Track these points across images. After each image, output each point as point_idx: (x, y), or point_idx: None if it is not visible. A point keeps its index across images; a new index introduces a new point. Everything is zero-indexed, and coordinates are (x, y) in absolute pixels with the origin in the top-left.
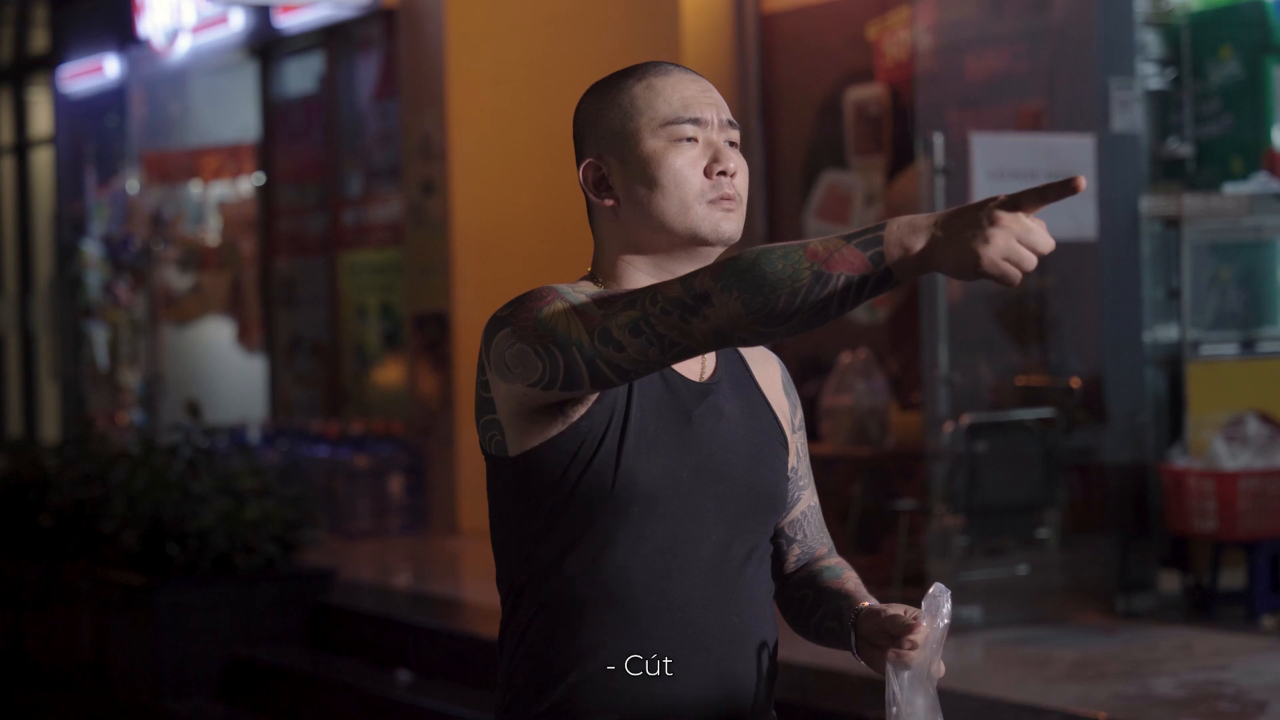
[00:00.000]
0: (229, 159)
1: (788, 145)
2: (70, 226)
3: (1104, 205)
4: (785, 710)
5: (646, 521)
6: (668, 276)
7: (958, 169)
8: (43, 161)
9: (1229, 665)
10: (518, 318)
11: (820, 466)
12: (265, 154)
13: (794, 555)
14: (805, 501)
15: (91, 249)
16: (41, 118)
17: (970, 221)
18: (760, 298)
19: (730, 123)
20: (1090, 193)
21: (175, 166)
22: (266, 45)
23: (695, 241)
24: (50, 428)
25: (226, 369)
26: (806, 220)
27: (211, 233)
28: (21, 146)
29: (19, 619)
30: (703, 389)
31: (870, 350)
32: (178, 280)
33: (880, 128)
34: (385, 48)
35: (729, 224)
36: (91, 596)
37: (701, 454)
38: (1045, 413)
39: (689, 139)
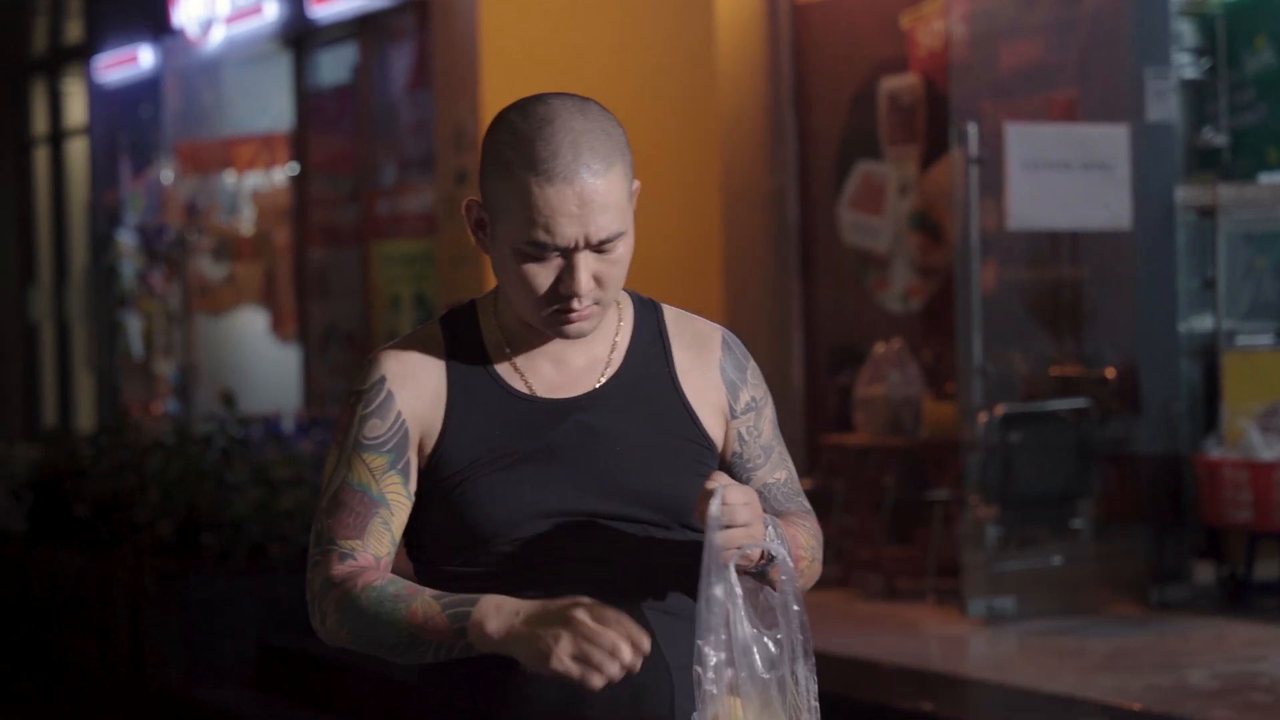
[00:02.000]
0: (263, 149)
1: (821, 135)
2: (105, 216)
3: (1139, 195)
4: (822, 702)
5: (515, 553)
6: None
7: (992, 159)
8: (78, 152)
9: (1264, 656)
10: (336, 421)
11: (854, 457)
12: (299, 144)
13: None
14: (761, 479)
15: (126, 239)
16: (76, 108)
17: (548, 620)
18: (367, 644)
19: (602, 241)
20: (1125, 182)
21: (209, 156)
22: (300, 35)
23: (544, 331)
24: (85, 417)
25: (260, 359)
26: (841, 210)
27: (245, 223)
28: (57, 137)
29: (54, 608)
30: (570, 406)
31: (904, 340)
32: (212, 270)
33: (914, 117)
34: (419, 38)
35: (574, 329)
36: (126, 586)
37: (567, 480)
38: (1080, 403)
39: (547, 255)
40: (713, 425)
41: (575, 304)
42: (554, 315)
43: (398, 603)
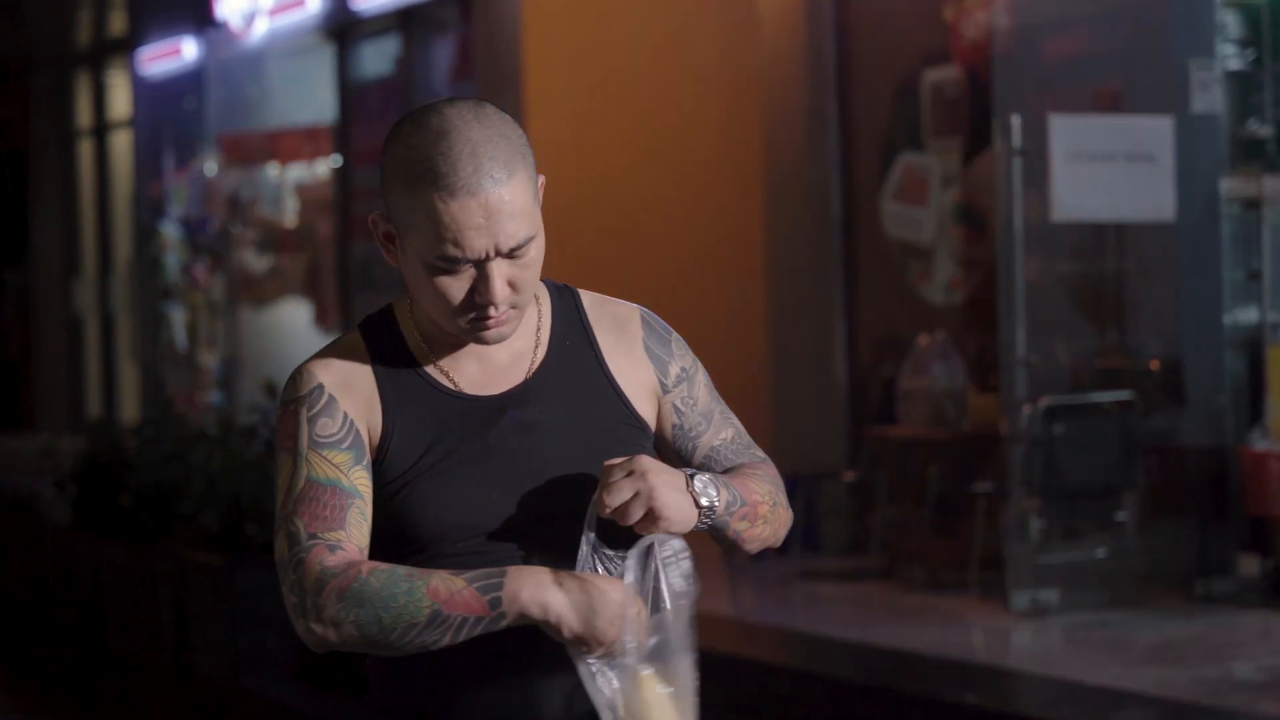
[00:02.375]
0: (306, 141)
1: (864, 127)
2: (149, 208)
3: (1183, 187)
4: (866, 694)
5: (464, 553)
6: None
7: (1035, 150)
8: (121, 144)
9: None
10: (278, 430)
11: (897, 449)
12: (342, 136)
13: None
14: (706, 444)
15: (170, 231)
16: (120, 100)
17: (591, 602)
18: (375, 630)
19: (512, 250)
20: (1169, 174)
21: (253, 149)
22: (343, 28)
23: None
24: (130, 409)
25: (304, 350)
26: (884, 202)
27: (289, 214)
28: (100, 129)
29: (99, 600)
30: (500, 402)
31: (948, 332)
32: (255, 262)
33: (958, 109)
34: (461, 30)
35: (493, 335)
36: (171, 577)
37: (508, 478)
38: (1124, 395)
39: (459, 268)
40: (643, 406)
41: (491, 311)
42: (471, 324)
43: (414, 580)
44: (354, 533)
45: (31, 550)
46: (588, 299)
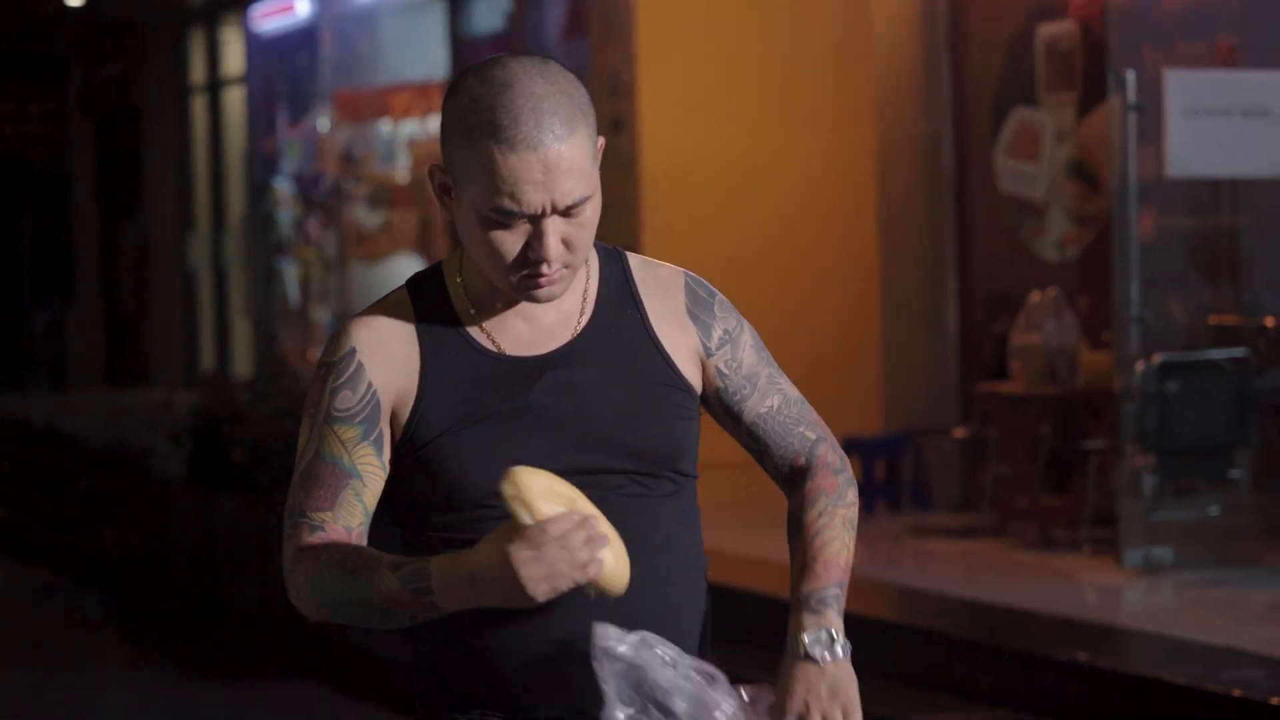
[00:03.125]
0: (418, 97)
1: (977, 82)
2: (262, 165)
3: None
4: (973, 649)
5: (501, 516)
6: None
7: (1150, 105)
8: (235, 100)
9: None
10: (309, 390)
11: (1010, 405)
12: None
13: (774, 461)
14: (752, 410)
15: (283, 187)
16: (234, 57)
17: (496, 566)
18: (344, 619)
19: (569, 207)
20: None
21: (365, 105)
22: None
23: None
24: (243, 364)
25: None
26: (997, 158)
27: (401, 170)
28: (214, 86)
29: (214, 553)
30: (542, 363)
31: (1060, 289)
32: (367, 218)
33: (1071, 64)
34: None
35: (544, 294)
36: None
37: (548, 437)
38: (1238, 352)
39: (514, 222)
40: (689, 368)
41: (544, 269)
42: (523, 280)
43: (358, 578)
44: (342, 513)
45: (146, 504)
46: (635, 262)
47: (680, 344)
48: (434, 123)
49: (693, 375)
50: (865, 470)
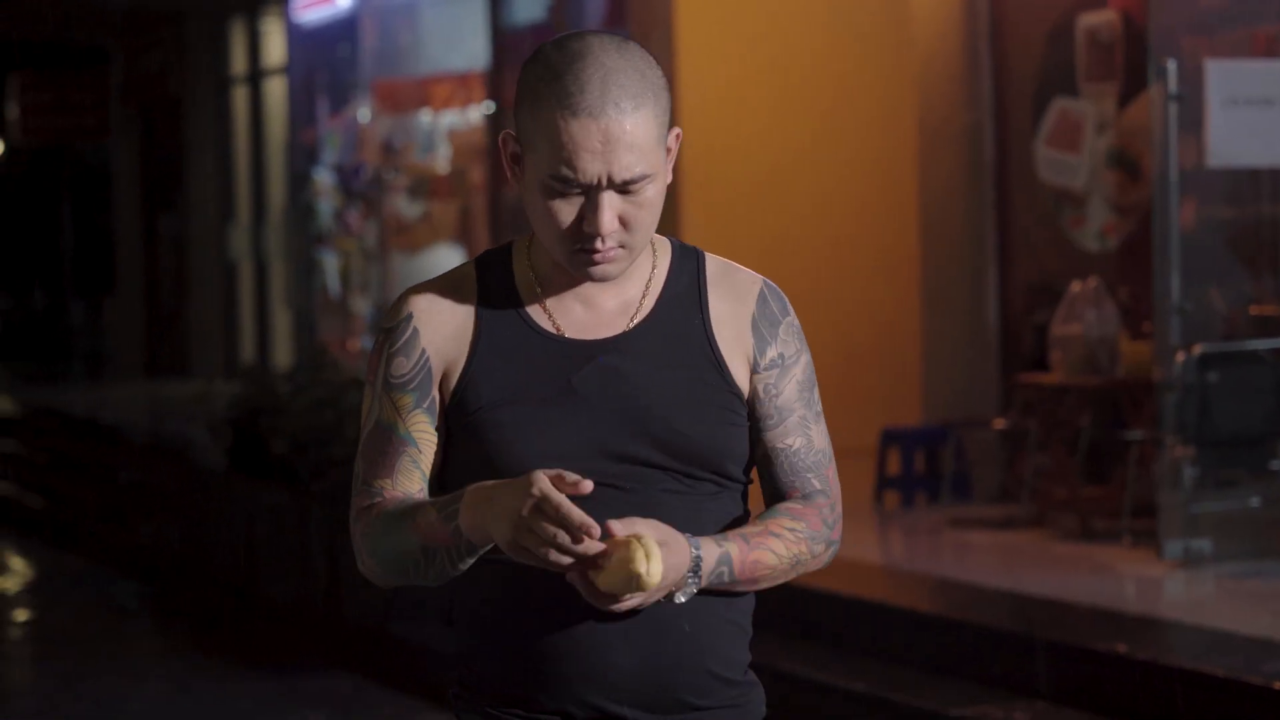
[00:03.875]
0: (459, 88)
1: (1018, 71)
2: (302, 155)
3: None
4: (1012, 641)
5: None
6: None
7: (1191, 95)
8: (276, 91)
9: None
10: (370, 357)
11: (1049, 395)
12: (494, 82)
13: (771, 487)
14: (770, 443)
15: (323, 177)
16: (275, 47)
17: (504, 513)
18: (395, 572)
19: (625, 181)
20: None
21: (406, 95)
22: None
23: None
24: (283, 354)
25: None
26: (1037, 147)
27: (441, 161)
28: (255, 76)
29: (253, 544)
30: (596, 348)
31: (1100, 279)
32: (408, 208)
33: (1112, 54)
34: None
35: (598, 270)
36: (323, 521)
37: (589, 420)
38: (1279, 343)
39: (571, 191)
40: (741, 376)
41: (598, 244)
42: (577, 255)
43: (402, 520)
44: (400, 480)
45: (186, 494)
46: (712, 264)
47: (737, 351)
48: (474, 113)
49: (742, 380)
50: (905, 462)
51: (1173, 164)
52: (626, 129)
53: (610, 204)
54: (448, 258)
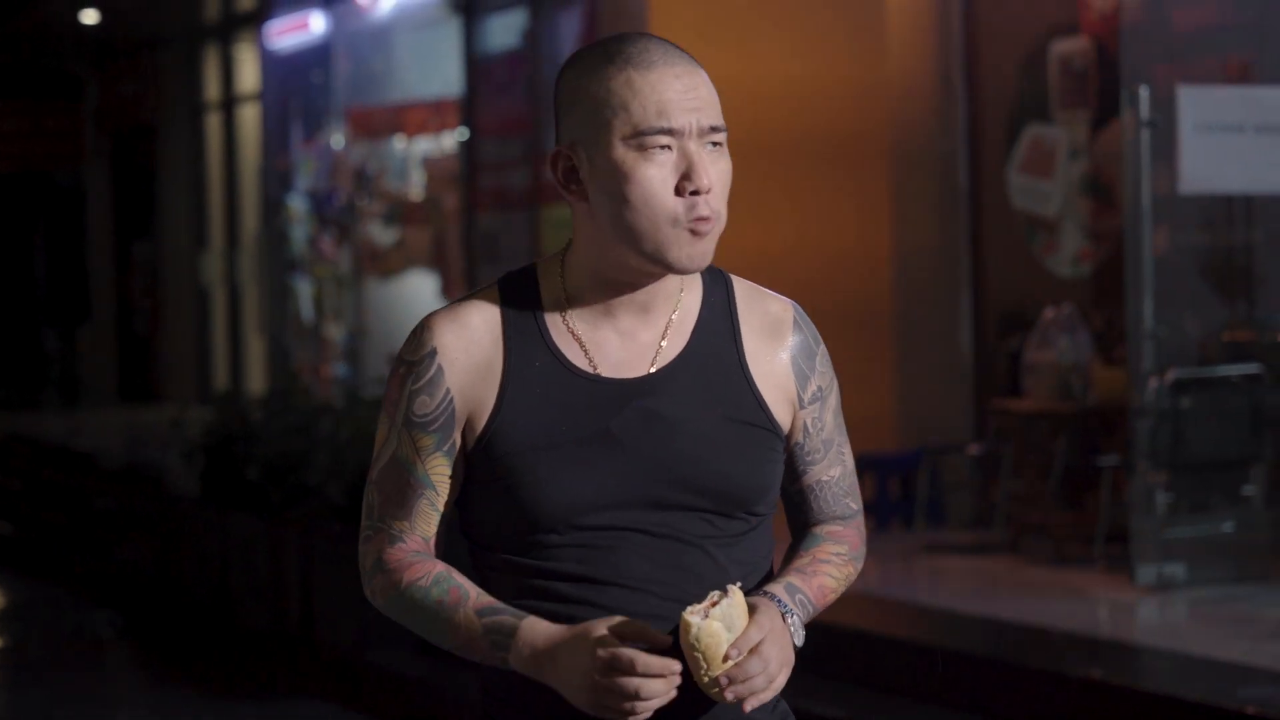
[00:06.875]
0: (433, 114)
1: (991, 98)
2: (276, 181)
3: None
4: (987, 666)
5: (571, 544)
6: (614, 288)
7: (1164, 122)
8: (249, 117)
9: None
10: (387, 385)
11: (1023, 422)
12: (468, 109)
13: (806, 517)
14: (814, 477)
15: (297, 203)
16: (248, 74)
17: (573, 670)
18: (418, 632)
19: (713, 128)
20: None
21: (380, 122)
22: (470, 1)
23: (660, 264)
24: (256, 381)
25: None
26: (1011, 174)
27: (415, 187)
28: (229, 102)
29: (226, 571)
30: (632, 389)
31: (1074, 305)
32: (382, 234)
33: (1085, 80)
34: (588, 3)
35: (698, 251)
36: (297, 549)
37: (627, 467)
38: (1252, 368)
39: (662, 147)
40: (780, 412)
41: (701, 207)
42: (679, 234)
43: (440, 612)
44: (419, 523)
45: (159, 521)
46: (741, 289)
47: (776, 385)
48: (448, 140)
49: (783, 418)
50: (879, 487)
51: (1145, 190)
52: (700, 78)
53: (706, 157)
54: (421, 284)
